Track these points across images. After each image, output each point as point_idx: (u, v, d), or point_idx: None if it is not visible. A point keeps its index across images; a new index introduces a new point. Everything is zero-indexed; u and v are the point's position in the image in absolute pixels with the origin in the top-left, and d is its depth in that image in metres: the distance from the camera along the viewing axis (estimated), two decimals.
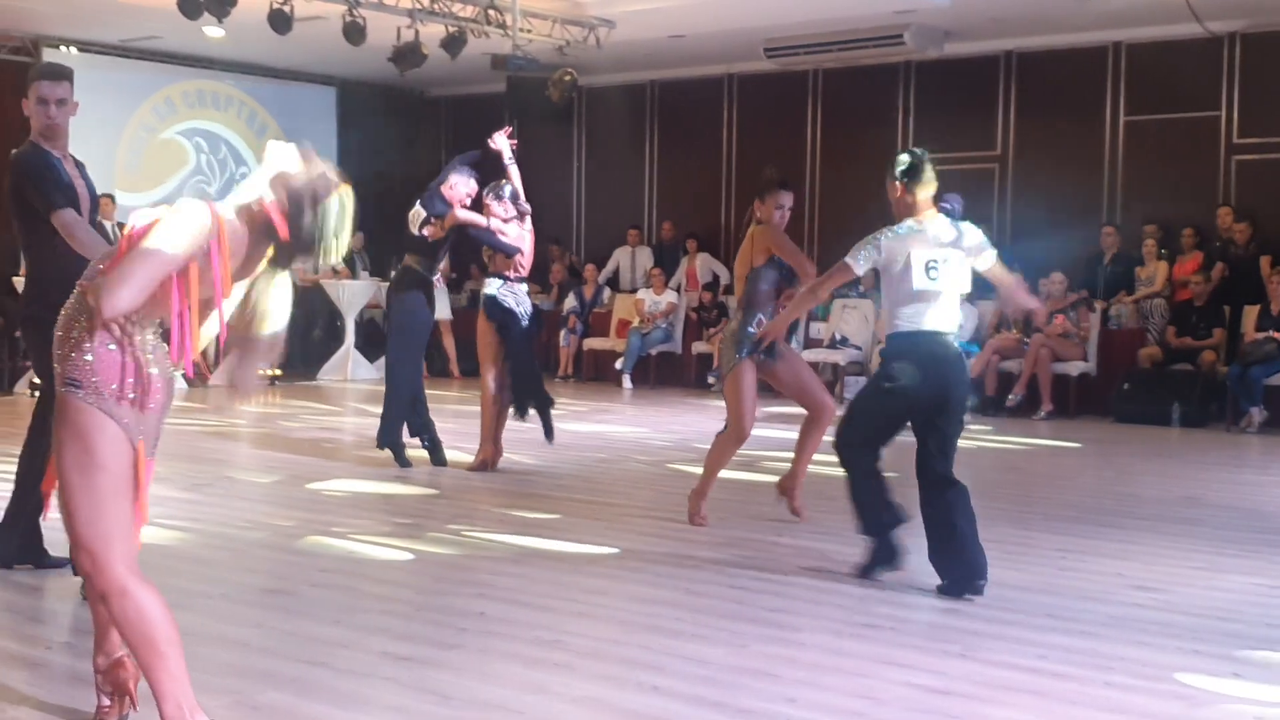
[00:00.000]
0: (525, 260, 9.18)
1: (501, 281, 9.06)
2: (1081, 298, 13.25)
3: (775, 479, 8.92)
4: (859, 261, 6.41)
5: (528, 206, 9.49)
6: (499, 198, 9.50)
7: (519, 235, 9.27)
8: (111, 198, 14.59)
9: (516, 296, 9.03)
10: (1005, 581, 5.96)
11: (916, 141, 15.92)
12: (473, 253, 10.28)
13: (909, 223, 6.16)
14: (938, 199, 6.33)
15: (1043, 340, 12.84)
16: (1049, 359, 12.82)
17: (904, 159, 6.18)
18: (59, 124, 5.63)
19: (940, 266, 6.04)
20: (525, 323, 8.97)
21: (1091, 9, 12.24)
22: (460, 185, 9.57)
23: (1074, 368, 12.93)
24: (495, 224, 9.27)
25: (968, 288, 6.19)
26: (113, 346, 3.56)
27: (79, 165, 5.75)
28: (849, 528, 7.21)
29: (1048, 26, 14.33)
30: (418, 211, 9.50)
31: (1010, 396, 12.87)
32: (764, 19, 14.19)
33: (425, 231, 9.29)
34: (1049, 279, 13.31)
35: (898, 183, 6.21)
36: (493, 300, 8.96)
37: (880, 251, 6.28)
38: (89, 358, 3.54)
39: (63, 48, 15.75)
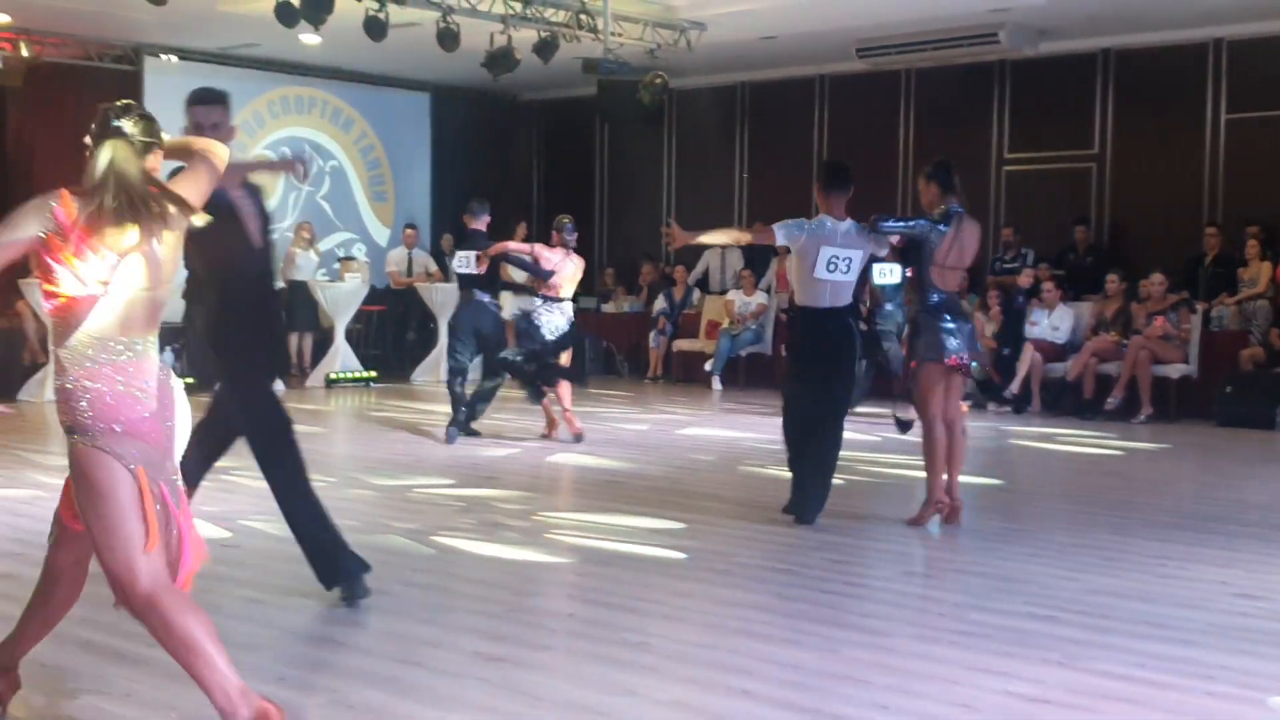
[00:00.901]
0: (558, 283, 10.59)
1: (541, 300, 10.66)
2: (1182, 299, 13.00)
3: (865, 480, 8.88)
4: (778, 231, 7.57)
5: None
6: (559, 230, 10.90)
7: (560, 262, 10.63)
8: None
9: (549, 314, 10.57)
10: (1103, 588, 5.87)
11: (1012, 141, 15.76)
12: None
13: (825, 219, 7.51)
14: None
15: (1142, 342, 12.63)
16: (1149, 361, 12.59)
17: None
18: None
19: (838, 262, 7.37)
20: (550, 337, 10.51)
21: (1192, 5, 12.02)
22: (483, 220, 11.17)
23: (1174, 370, 12.70)
24: (538, 250, 10.75)
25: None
26: (69, 385, 3.71)
27: (248, 187, 5.59)
28: (944, 532, 7.15)
29: (1146, 23, 14.09)
30: (466, 255, 10.87)
31: (1109, 399, 12.66)
32: (856, 19, 14.10)
33: (478, 269, 10.76)
34: (1149, 280, 13.08)
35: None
36: (526, 315, 10.78)
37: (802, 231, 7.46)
38: (61, 399, 3.75)
39: (164, 56, 16.05)
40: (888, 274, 11.13)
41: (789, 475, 7.52)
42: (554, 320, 10.57)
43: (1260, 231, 13.38)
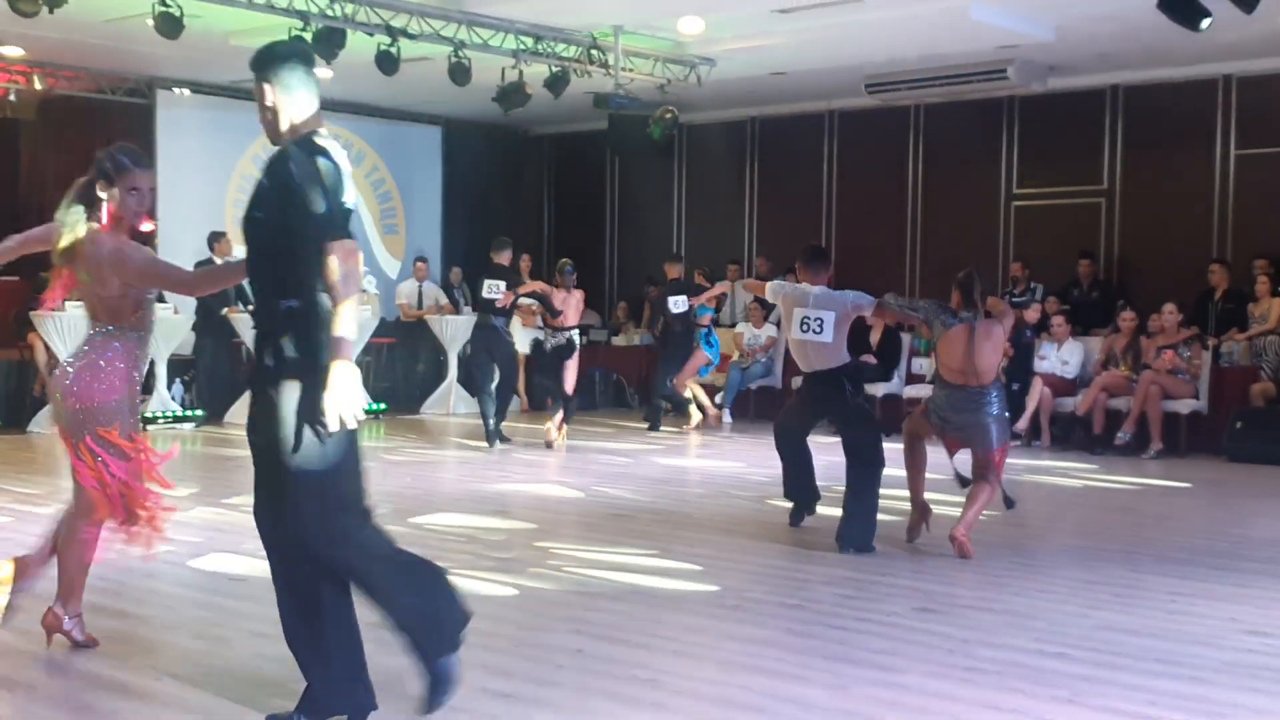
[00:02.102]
0: (565, 318, 13.04)
1: (549, 330, 13.14)
2: (1193, 334, 12.99)
3: (879, 516, 8.86)
4: (770, 290, 8.89)
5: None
6: (561, 273, 13.24)
7: (564, 300, 13.07)
8: (224, 235, 14.88)
9: (555, 337, 13.05)
10: (1114, 625, 5.85)
11: (1021, 176, 15.79)
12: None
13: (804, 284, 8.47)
14: None
15: (1153, 377, 12.61)
16: (1159, 396, 12.57)
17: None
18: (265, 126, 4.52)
19: (810, 323, 8.33)
20: (549, 346, 13.12)
21: (1201, 42, 12.06)
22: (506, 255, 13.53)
23: (1185, 405, 12.68)
24: (554, 291, 13.16)
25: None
26: None
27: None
28: (954, 568, 7.14)
29: (1155, 60, 14.14)
30: (497, 284, 13.08)
31: (1120, 434, 12.64)
32: (866, 55, 14.16)
33: (499, 300, 13.01)
34: (1160, 312, 13.07)
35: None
36: (537, 341, 13.45)
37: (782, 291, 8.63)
38: None
39: (176, 89, 16.15)
40: None
41: (781, 504, 7.50)
42: (557, 340, 13.01)
43: (1269, 265, 13.38)
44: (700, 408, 15.07)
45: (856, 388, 8.48)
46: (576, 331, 13.39)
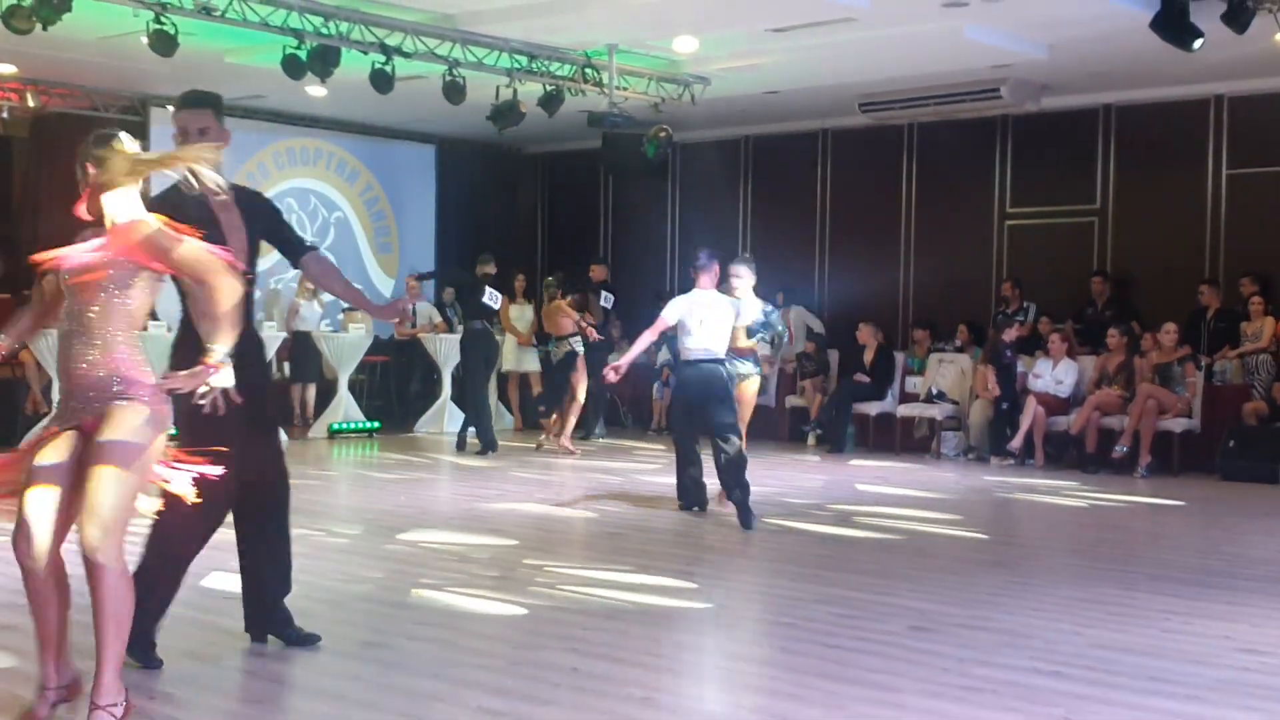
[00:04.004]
0: (563, 326, 14.09)
1: (553, 340, 14.27)
2: (1186, 354, 13.02)
3: (871, 535, 8.88)
4: (669, 315, 9.68)
5: None
6: (549, 289, 14.52)
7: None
8: None
9: (557, 348, 14.11)
10: (1109, 643, 5.85)
11: (1014, 195, 15.83)
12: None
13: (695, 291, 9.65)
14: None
15: (1149, 391, 12.63)
16: (1155, 412, 12.59)
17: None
18: None
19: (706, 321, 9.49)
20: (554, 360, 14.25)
21: (1193, 62, 12.11)
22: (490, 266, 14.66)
23: (1177, 424, 12.69)
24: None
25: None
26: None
27: (245, 197, 5.36)
28: (949, 586, 7.14)
29: (1147, 79, 14.19)
30: (495, 293, 14.18)
31: (1117, 448, 12.65)
32: (859, 74, 14.20)
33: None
34: (1159, 331, 13.09)
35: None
36: (544, 355, 14.68)
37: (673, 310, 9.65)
38: None
39: (170, 107, 16.11)
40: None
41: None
42: (557, 351, 14.13)
43: (1253, 282, 13.40)
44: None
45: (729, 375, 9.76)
46: (579, 339, 14.04)
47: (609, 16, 12.18)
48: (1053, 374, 13.49)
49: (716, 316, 9.52)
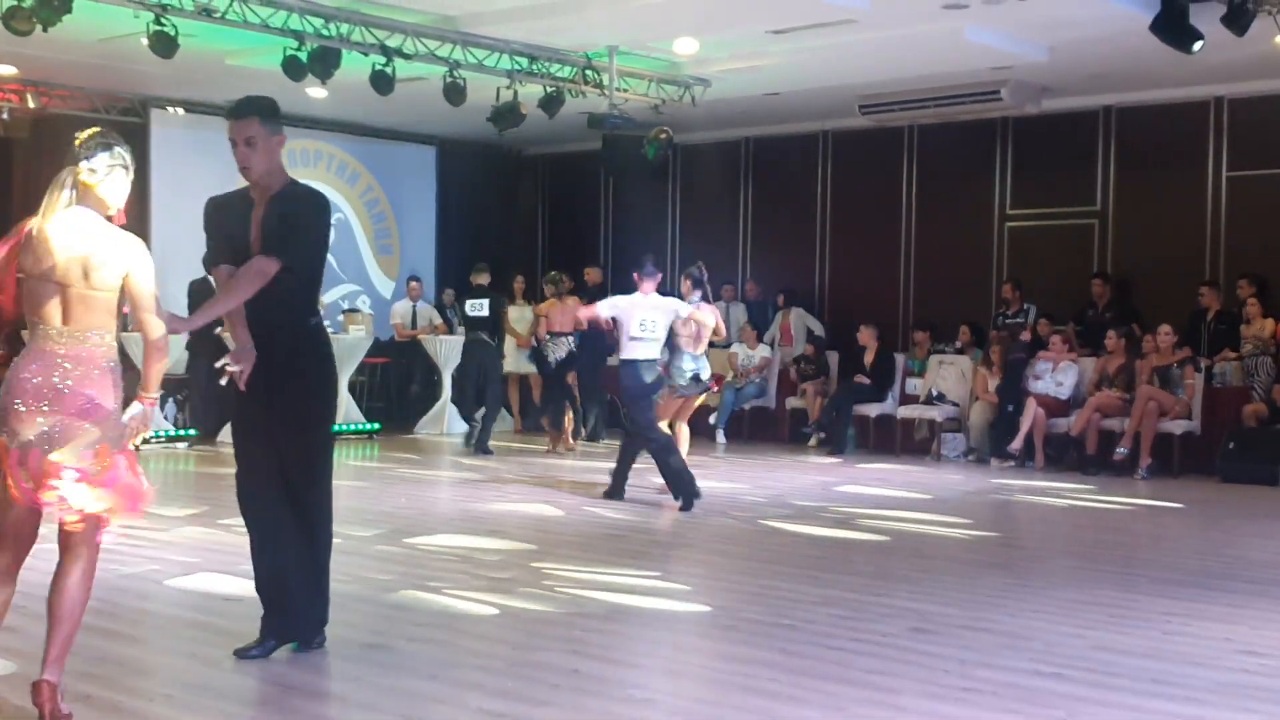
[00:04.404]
0: (561, 324, 14.33)
1: (550, 337, 14.50)
2: (1186, 356, 13.02)
3: (871, 537, 8.89)
4: (604, 310, 10.57)
5: None
6: (554, 284, 14.78)
7: (560, 309, 14.36)
8: None
9: (556, 348, 14.41)
10: (1109, 645, 5.85)
11: (1014, 197, 15.83)
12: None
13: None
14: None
15: (1150, 393, 12.62)
16: (1156, 413, 12.58)
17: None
18: (246, 164, 5.35)
19: (648, 324, 10.19)
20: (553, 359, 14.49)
21: (1193, 64, 12.11)
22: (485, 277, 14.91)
23: (1177, 426, 12.69)
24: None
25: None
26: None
27: (281, 198, 5.35)
28: (949, 588, 7.14)
29: (1147, 81, 14.19)
30: (481, 303, 14.29)
31: (1118, 450, 12.64)
32: (859, 76, 14.20)
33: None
34: (1156, 332, 13.09)
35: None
36: (540, 356, 14.58)
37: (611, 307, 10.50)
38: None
39: (170, 109, 16.16)
40: None
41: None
42: (558, 350, 14.38)
43: (1250, 284, 13.40)
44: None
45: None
46: (574, 339, 14.32)
47: (609, 18, 12.18)
48: (1053, 376, 13.49)
49: (655, 320, 10.20)
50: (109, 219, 4.69)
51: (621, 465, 10.54)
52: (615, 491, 10.49)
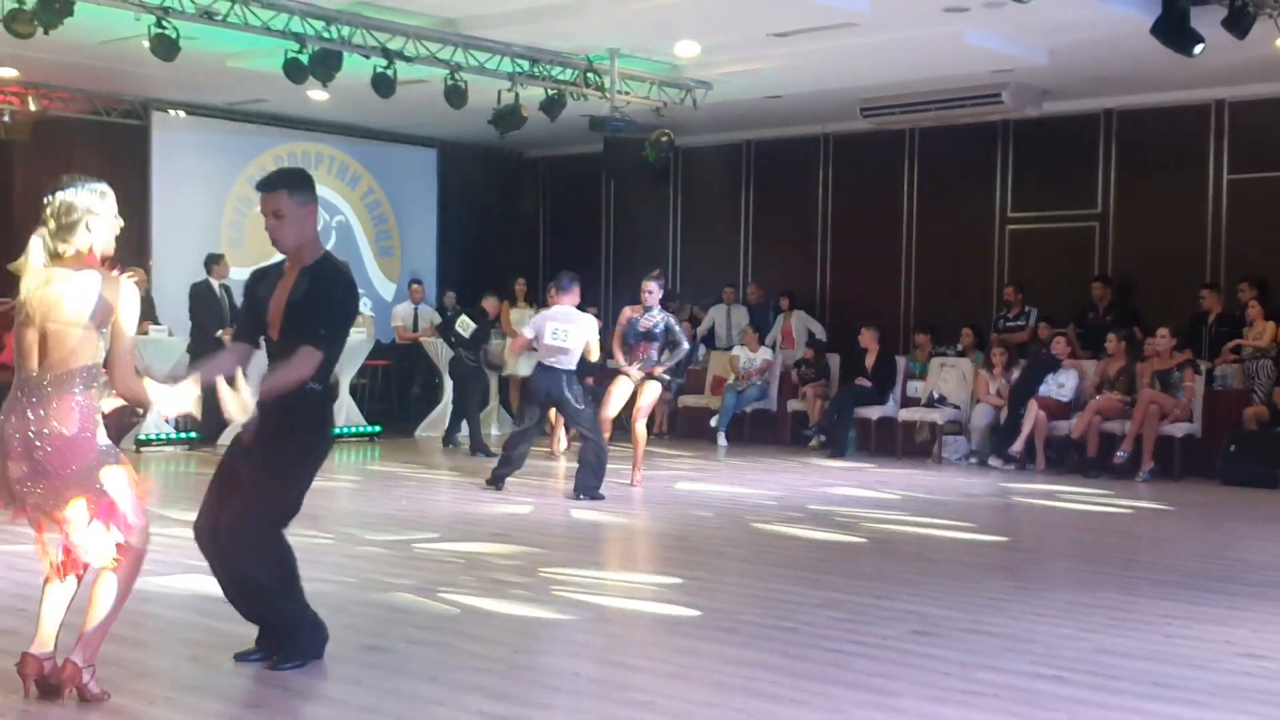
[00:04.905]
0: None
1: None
2: (1187, 358, 13.01)
3: (872, 540, 8.89)
4: (528, 330, 11.08)
5: None
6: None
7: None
8: (222, 257, 14.87)
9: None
10: (1110, 648, 5.85)
11: (1015, 200, 15.82)
12: None
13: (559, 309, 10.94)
14: None
15: (1152, 396, 12.61)
16: (1157, 417, 12.58)
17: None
18: (275, 237, 5.37)
19: (559, 333, 10.70)
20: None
21: (1193, 67, 12.11)
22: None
23: (1178, 429, 12.68)
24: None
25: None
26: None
27: (311, 276, 5.34)
28: (950, 591, 7.13)
29: (1148, 84, 14.18)
30: (466, 322, 14.64)
31: (1119, 454, 12.62)
32: (860, 79, 14.20)
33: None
34: (1155, 336, 13.08)
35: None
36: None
37: (533, 325, 11.04)
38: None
39: (171, 111, 16.17)
40: None
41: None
42: None
43: (1251, 286, 13.39)
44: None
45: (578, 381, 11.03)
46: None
47: (610, 21, 12.18)
48: (1054, 378, 13.48)
49: (570, 331, 10.72)
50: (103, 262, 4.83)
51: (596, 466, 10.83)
52: (589, 490, 10.72)
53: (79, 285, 4.70)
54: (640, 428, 11.61)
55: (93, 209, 4.79)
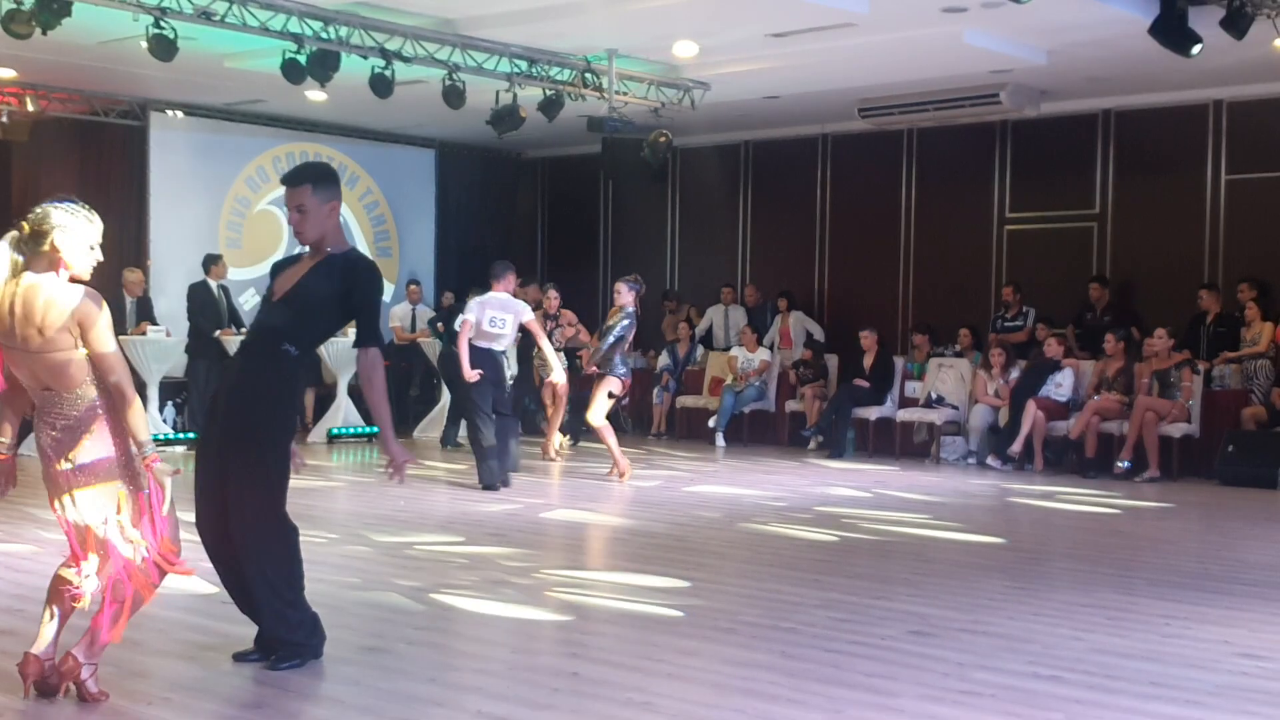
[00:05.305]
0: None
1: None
2: (1185, 359, 13.02)
3: (871, 540, 8.89)
4: (469, 314, 11.50)
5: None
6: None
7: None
8: (220, 258, 14.88)
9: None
10: (1108, 648, 5.85)
11: (1013, 200, 15.82)
12: None
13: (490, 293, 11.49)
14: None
15: (1148, 403, 12.61)
16: (1155, 422, 12.58)
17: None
18: (298, 230, 5.46)
19: (497, 320, 11.40)
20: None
21: (1192, 67, 12.11)
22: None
23: (1176, 429, 12.69)
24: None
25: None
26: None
27: (337, 266, 5.46)
28: (948, 591, 7.14)
29: (1146, 85, 14.19)
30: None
31: (1118, 463, 12.62)
32: (858, 79, 14.20)
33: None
34: (1153, 337, 13.09)
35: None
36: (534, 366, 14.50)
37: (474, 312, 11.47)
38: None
39: (169, 111, 16.16)
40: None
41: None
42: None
43: (1250, 288, 13.40)
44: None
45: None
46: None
47: (609, 21, 12.18)
48: (1052, 379, 13.48)
49: (508, 319, 11.41)
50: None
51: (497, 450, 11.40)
52: (490, 479, 11.28)
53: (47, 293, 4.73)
54: (592, 420, 12.20)
55: (65, 225, 4.80)
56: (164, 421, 14.41)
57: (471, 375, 11.21)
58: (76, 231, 4.81)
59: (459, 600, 6.75)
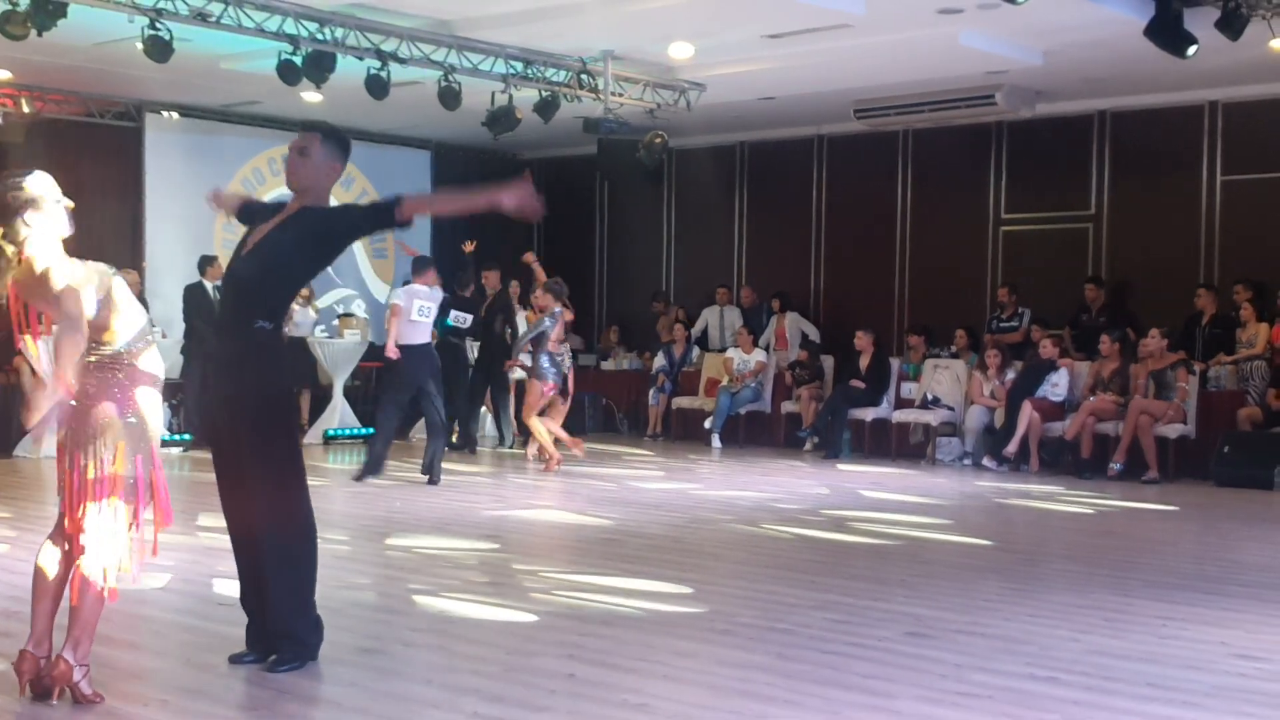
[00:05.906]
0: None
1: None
2: (1180, 359, 13.03)
3: (867, 541, 8.89)
4: (399, 300, 11.93)
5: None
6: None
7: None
8: (216, 259, 14.87)
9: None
10: (1105, 649, 5.85)
11: (1009, 201, 15.83)
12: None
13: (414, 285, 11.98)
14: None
15: (1142, 405, 12.62)
16: (1149, 424, 12.58)
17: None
18: (291, 170, 5.50)
19: (424, 310, 11.91)
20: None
21: (1187, 68, 12.13)
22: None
23: (1172, 430, 12.70)
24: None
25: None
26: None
27: (306, 213, 5.47)
28: (945, 592, 7.14)
29: (1142, 86, 14.21)
30: (465, 316, 14.94)
31: (1112, 465, 12.63)
32: (854, 80, 14.21)
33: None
34: (1148, 337, 13.10)
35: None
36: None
37: (404, 300, 11.90)
38: None
39: (165, 113, 16.15)
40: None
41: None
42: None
43: (1245, 290, 13.41)
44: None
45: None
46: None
47: (605, 23, 12.18)
48: (1048, 380, 13.48)
49: (431, 309, 11.96)
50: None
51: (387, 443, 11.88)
52: (374, 467, 11.75)
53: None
54: (525, 419, 13.05)
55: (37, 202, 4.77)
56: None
57: (393, 352, 11.73)
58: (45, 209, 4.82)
59: (455, 602, 6.75)
